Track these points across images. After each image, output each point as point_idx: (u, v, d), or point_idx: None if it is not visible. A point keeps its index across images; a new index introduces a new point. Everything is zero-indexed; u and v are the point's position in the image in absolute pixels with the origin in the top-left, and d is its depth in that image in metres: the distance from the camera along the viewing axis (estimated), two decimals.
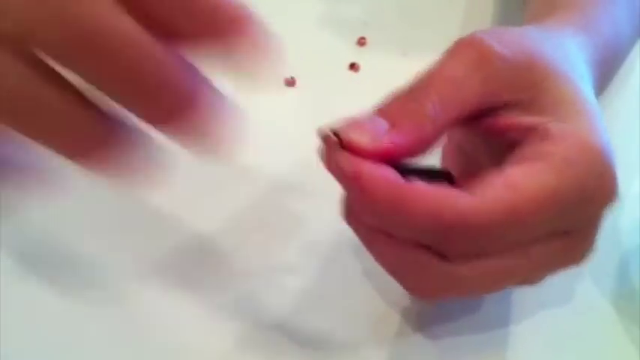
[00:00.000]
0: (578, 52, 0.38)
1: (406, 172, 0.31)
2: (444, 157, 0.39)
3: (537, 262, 0.33)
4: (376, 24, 0.54)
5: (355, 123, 0.32)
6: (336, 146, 0.31)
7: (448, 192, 0.31)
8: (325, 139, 0.32)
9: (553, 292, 0.39)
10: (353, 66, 0.51)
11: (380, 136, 0.31)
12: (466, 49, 0.34)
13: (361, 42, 0.52)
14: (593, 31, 0.40)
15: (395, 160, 0.31)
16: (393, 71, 0.51)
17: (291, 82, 0.49)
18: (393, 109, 0.32)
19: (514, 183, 0.31)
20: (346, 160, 0.31)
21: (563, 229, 0.33)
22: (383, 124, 0.32)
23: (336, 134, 0.31)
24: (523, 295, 0.39)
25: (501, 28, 0.37)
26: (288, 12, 0.54)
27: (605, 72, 0.42)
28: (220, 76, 0.29)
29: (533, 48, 0.35)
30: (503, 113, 0.34)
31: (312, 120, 0.48)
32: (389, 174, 0.30)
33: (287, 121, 0.47)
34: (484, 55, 0.33)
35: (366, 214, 0.32)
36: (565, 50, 0.37)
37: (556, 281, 0.35)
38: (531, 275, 0.34)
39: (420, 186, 0.31)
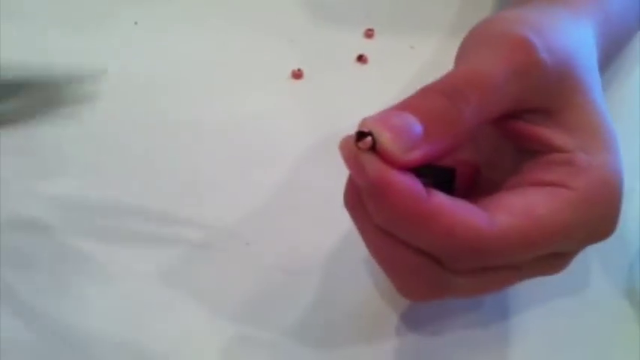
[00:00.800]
0: (595, 47, 0.37)
1: (414, 169, 0.31)
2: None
3: (525, 274, 0.34)
4: (383, 15, 0.53)
5: (388, 122, 0.30)
6: (366, 146, 0.30)
7: (466, 211, 0.31)
8: (358, 137, 0.30)
9: (553, 288, 0.40)
10: (361, 58, 0.50)
11: (414, 145, 0.30)
12: (513, 50, 0.33)
13: (368, 34, 0.52)
14: (604, 17, 0.40)
15: None
16: (401, 63, 0.51)
17: (298, 75, 0.49)
18: (429, 108, 0.31)
19: (533, 211, 0.31)
20: (375, 165, 0.30)
21: (557, 252, 0.34)
22: (417, 127, 0.30)
23: (368, 133, 0.30)
24: (526, 292, 0.39)
25: (538, 16, 0.36)
26: (294, 3, 0.54)
27: (607, 59, 0.42)
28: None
29: (571, 54, 0.34)
30: (527, 117, 0.34)
31: (320, 112, 0.49)
32: (413, 186, 0.30)
33: (294, 114, 0.47)
34: (530, 62, 0.32)
35: (379, 217, 0.31)
36: (590, 51, 0.37)
37: (561, 277, 0.36)
38: (514, 283, 0.35)
39: (440, 201, 0.30)
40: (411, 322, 0.38)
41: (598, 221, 0.33)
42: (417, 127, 0.30)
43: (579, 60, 0.34)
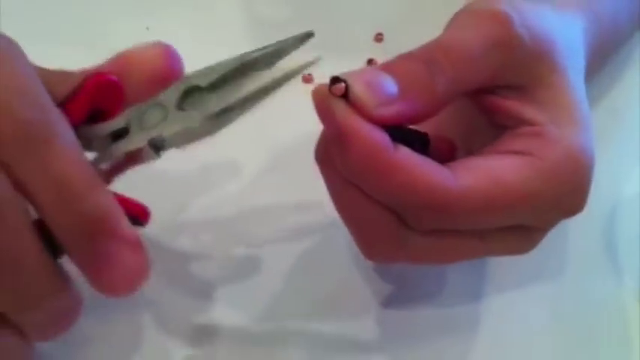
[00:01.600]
0: (582, 42, 0.38)
1: (387, 129, 0.31)
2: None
3: (490, 247, 0.34)
4: (393, 19, 0.54)
5: (365, 77, 0.31)
6: (338, 93, 0.30)
7: (430, 168, 0.31)
8: (332, 83, 0.31)
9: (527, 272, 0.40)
10: (371, 62, 0.51)
11: (386, 101, 0.31)
12: (490, 22, 0.33)
13: (378, 38, 0.52)
14: (594, 17, 0.41)
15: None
16: None
17: (308, 79, 0.49)
18: (405, 71, 0.32)
19: (499, 175, 0.32)
20: (344, 112, 0.30)
21: (524, 225, 0.34)
22: (392, 86, 0.31)
23: (342, 80, 0.31)
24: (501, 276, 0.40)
25: (528, 4, 0.36)
26: (303, 7, 0.54)
27: (600, 58, 0.43)
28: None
29: (548, 35, 0.35)
30: (502, 93, 0.34)
31: None
32: (379, 136, 0.30)
33: (305, 119, 0.47)
34: (507, 35, 0.33)
35: (342, 164, 0.32)
36: (572, 40, 0.37)
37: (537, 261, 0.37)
38: (480, 255, 0.36)
39: (404, 154, 0.31)
40: (386, 301, 0.39)
41: (565, 194, 0.33)
42: (391, 85, 0.31)
43: (558, 43, 0.35)
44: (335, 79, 0.31)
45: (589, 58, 0.39)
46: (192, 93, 0.32)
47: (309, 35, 0.32)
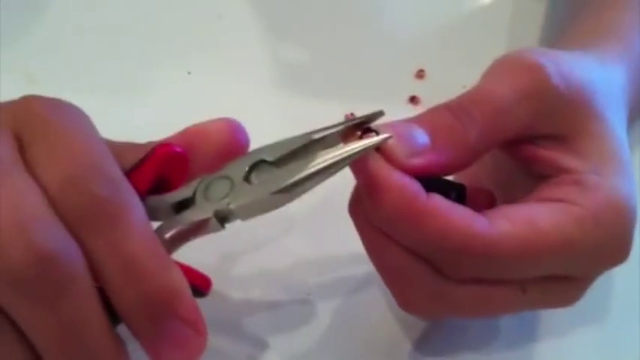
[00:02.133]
0: (623, 90, 0.37)
1: (423, 180, 0.31)
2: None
3: (532, 298, 0.33)
4: (434, 55, 0.53)
5: (397, 128, 0.32)
6: (372, 147, 0.31)
7: (464, 213, 0.31)
8: (363, 133, 0.32)
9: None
10: (413, 99, 0.50)
11: (418, 151, 0.31)
12: (523, 74, 0.33)
13: (419, 74, 0.52)
14: (637, 63, 0.40)
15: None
16: None
17: (351, 119, 0.49)
18: (437, 123, 0.32)
19: (536, 221, 0.31)
20: (376, 162, 0.31)
21: (566, 274, 0.33)
22: (423, 137, 0.32)
23: (374, 131, 0.31)
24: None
25: (559, 51, 0.36)
26: (344, 46, 0.54)
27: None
28: None
29: (586, 84, 0.34)
30: (540, 143, 0.34)
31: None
32: (411, 184, 0.30)
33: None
34: (540, 86, 0.33)
35: (374, 213, 0.32)
36: (612, 88, 0.37)
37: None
38: (522, 308, 0.34)
39: (437, 202, 0.31)
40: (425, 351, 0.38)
41: (607, 242, 0.32)
42: (422, 136, 0.31)
43: (596, 91, 0.34)
44: (367, 130, 0.32)
45: (631, 106, 0.38)
46: (259, 166, 0.32)
47: (378, 114, 0.32)
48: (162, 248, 0.30)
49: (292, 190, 0.31)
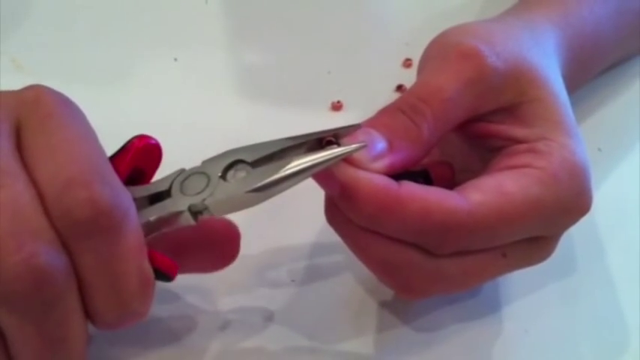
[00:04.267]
0: (555, 54, 0.40)
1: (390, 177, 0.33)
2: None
3: (511, 261, 0.36)
4: (422, 45, 0.53)
5: (357, 138, 0.33)
6: (346, 154, 0.32)
7: (438, 192, 0.33)
8: (326, 145, 0.33)
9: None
10: (400, 88, 0.50)
11: (378, 156, 0.33)
12: (462, 62, 0.35)
13: (407, 64, 0.52)
14: (570, 31, 0.42)
15: None
16: None
17: (338, 107, 0.49)
18: (393, 126, 0.34)
19: (504, 187, 0.33)
20: (342, 168, 0.32)
21: (538, 235, 0.35)
22: (381, 143, 0.33)
23: (336, 143, 0.33)
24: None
25: (490, 26, 0.39)
26: (332, 35, 0.54)
27: (581, 68, 0.44)
28: None
29: (522, 55, 0.37)
30: (489, 118, 0.36)
31: None
32: (381, 179, 0.32)
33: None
34: (480, 70, 0.35)
35: (355, 215, 0.33)
36: (548, 53, 0.39)
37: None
38: (504, 271, 0.37)
39: (410, 188, 0.33)
40: (394, 315, 0.39)
41: (569, 196, 0.35)
42: (380, 142, 0.33)
43: (532, 59, 0.37)
44: (328, 142, 0.33)
45: (568, 67, 0.40)
46: (236, 165, 0.33)
47: (355, 127, 0.34)
48: (149, 268, 0.31)
49: (266, 190, 0.32)
